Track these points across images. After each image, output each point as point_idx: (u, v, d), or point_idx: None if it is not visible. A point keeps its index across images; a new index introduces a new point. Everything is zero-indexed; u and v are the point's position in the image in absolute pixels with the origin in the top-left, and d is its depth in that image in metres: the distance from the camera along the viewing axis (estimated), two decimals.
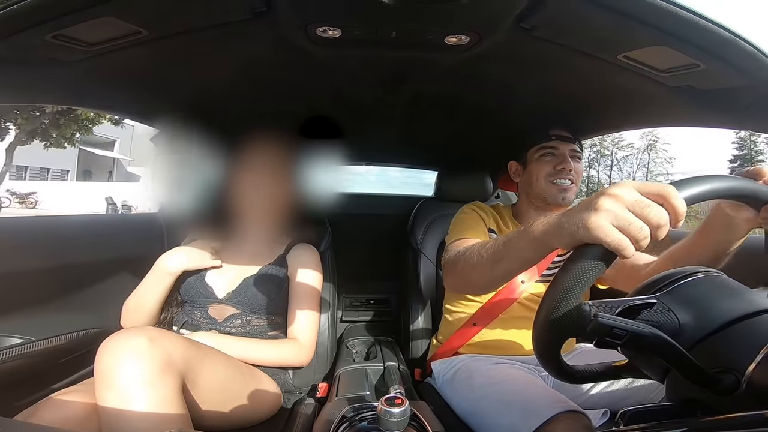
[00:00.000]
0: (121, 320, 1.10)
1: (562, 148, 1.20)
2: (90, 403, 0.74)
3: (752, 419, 0.36)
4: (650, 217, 0.48)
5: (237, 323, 1.11)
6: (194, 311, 1.11)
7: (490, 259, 0.75)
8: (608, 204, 0.50)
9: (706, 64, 0.75)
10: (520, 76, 1.04)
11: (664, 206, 0.49)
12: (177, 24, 0.77)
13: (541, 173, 1.21)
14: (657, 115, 1.13)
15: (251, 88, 1.17)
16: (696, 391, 0.48)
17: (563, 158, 1.19)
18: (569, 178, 1.19)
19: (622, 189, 0.50)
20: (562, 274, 0.52)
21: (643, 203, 0.49)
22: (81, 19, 0.68)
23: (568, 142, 1.21)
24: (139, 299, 1.10)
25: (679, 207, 0.48)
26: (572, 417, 0.77)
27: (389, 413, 0.66)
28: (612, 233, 0.48)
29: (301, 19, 0.77)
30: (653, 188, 0.50)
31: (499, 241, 0.74)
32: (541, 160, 1.22)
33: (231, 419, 0.92)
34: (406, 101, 1.29)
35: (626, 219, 0.48)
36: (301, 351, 1.13)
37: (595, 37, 0.78)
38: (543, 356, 0.58)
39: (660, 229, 0.48)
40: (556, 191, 1.19)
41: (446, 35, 0.82)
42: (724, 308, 0.50)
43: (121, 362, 0.69)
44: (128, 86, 1.07)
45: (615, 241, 0.48)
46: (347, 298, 2.10)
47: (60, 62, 0.84)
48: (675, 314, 0.51)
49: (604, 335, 0.47)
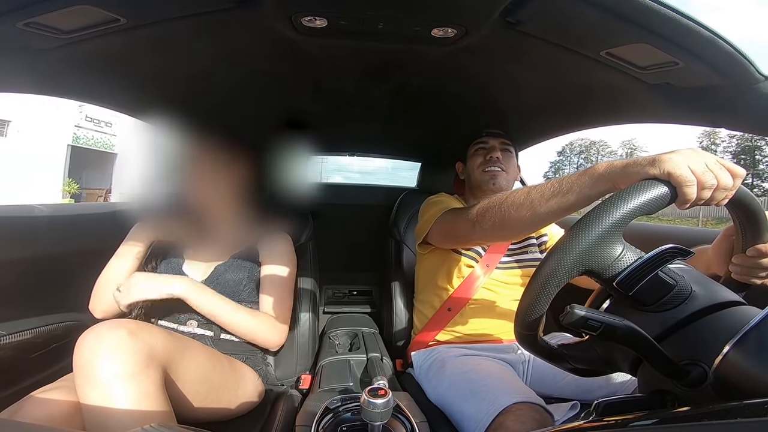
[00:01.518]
0: (90, 303, 1.07)
1: (492, 142, 1.35)
2: (74, 400, 0.73)
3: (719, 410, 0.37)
4: (722, 178, 0.55)
5: None
6: (171, 301, 1.09)
7: (542, 196, 0.76)
8: (689, 152, 0.56)
9: (685, 62, 0.77)
10: (505, 70, 1.05)
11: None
12: (157, 12, 0.75)
13: (475, 164, 1.36)
14: (635, 112, 1.15)
15: (233, 78, 1.15)
16: (666, 382, 0.50)
17: (492, 149, 1.34)
18: (498, 165, 1.31)
19: (705, 152, 0.57)
20: (616, 197, 0.53)
21: (720, 166, 0.56)
22: (54, 7, 0.66)
23: (498, 137, 1.36)
24: (108, 275, 1.07)
25: (737, 187, 0.56)
26: (527, 407, 0.80)
27: (373, 404, 0.67)
28: (684, 169, 0.54)
29: (287, 7, 0.76)
30: (730, 164, 0.57)
31: (552, 182, 0.75)
32: (476, 154, 1.37)
33: (213, 412, 0.92)
34: (390, 93, 1.29)
35: (703, 167, 0.55)
36: (274, 328, 1.11)
37: (580, 33, 0.79)
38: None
39: (726, 191, 0.56)
40: (487, 177, 1.32)
41: (432, 28, 0.82)
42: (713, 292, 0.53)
43: (101, 356, 0.68)
44: (106, 75, 1.04)
45: (684, 174, 0.53)
46: (329, 290, 2.10)
47: (34, 50, 0.81)
48: (688, 282, 0.53)
49: (580, 326, 0.49)
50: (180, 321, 1.07)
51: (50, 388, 0.77)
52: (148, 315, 1.09)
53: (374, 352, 1.38)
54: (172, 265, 1.13)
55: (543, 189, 0.76)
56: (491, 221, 0.88)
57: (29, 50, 0.80)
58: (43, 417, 0.72)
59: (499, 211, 0.85)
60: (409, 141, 1.92)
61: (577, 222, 0.53)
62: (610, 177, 0.64)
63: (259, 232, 1.25)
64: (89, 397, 0.67)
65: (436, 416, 0.97)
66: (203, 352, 0.92)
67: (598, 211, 0.52)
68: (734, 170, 0.57)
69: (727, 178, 0.56)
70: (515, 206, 0.81)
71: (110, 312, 1.05)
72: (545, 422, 0.79)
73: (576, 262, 0.52)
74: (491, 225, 0.89)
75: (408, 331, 1.46)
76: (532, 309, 0.56)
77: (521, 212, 0.80)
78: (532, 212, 0.77)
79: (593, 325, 0.48)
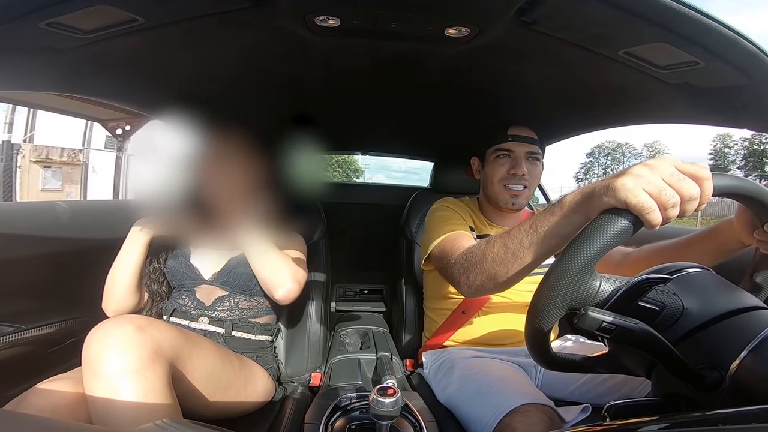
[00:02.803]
0: (102, 302, 1.08)
1: (518, 150, 1.17)
2: (79, 391, 0.74)
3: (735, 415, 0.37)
4: (683, 189, 0.49)
5: (225, 306, 1.10)
6: (182, 296, 1.11)
7: (521, 245, 0.70)
8: (642, 170, 0.51)
9: (706, 62, 0.76)
10: (519, 69, 1.04)
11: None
12: (174, 12, 0.76)
13: (495, 176, 1.19)
14: (654, 112, 1.13)
15: (249, 77, 1.16)
16: (681, 386, 0.49)
17: (517, 161, 1.16)
18: (522, 182, 1.16)
19: (660, 161, 0.51)
20: (578, 239, 0.51)
21: (679, 176, 0.50)
22: (75, 7, 0.67)
23: (526, 143, 1.17)
24: (114, 275, 1.08)
25: (707, 190, 0.49)
26: (535, 408, 0.79)
27: (381, 403, 0.67)
28: (640, 195, 0.49)
29: (301, 7, 0.76)
30: (690, 167, 0.50)
31: (524, 227, 0.70)
32: (497, 162, 1.19)
33: (221, 408, 0.93)
34: (403, 92, 1.28)
35: (659, 185, 0.49)
36: (294, 278, 1.07)
37: (597, 33, 0.78)
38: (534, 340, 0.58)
39: (691, 202, 0.49)
40: (507, 196, 1.18)
41: (446, 27, 0.81)
42: (711, 304, 0.51)
43: (109, 351, 0.69)
44: (125, 74, 1.06)
45: (641, 203, 0.48)
46: (341, 288, 2.11)
47: (55, 50, 0.82)
48: (680, 298, 0.52)
49: (594, 329, 0.48)
50: (191, 318, 1.08)
51: (57, 379, 0.79)
52: (159, 312, 1.11)
53: (384, 351, 1.38)
54: (179, 259, 1.13)
55: (519, 237, 0.70)
56: (479, 281, 0.81)
57: (52, 50, 0.82)
58: (48, 407, 0.73)
59: (483, 271, 0.79)
60: (422, 140, 1.92)
61: (548, 270, 0.53)
62: (580, 209, 0.59)
63: (274, 231, 1.26)
64: (95, 391, 0.68)
65: (444, 417, 0.97)
66: (212, 349, 0.93)
67: (566, 257, 0.51)
68: (697, 174, 0.50)
69: (690, 188, 0.49)
70: (498, 262, 0.74)
71: (121, 310, 1.07)
72: (554, 424, 0.77)
73: (557, 306, 0.52)
74: (480, 285, 0.81)
75: (419, 331, 1.46)
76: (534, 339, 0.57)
77: (509, 266, 0.73)
78: (520, 263, 0.71)
79: (608, 328, 0.48)
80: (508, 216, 1.26)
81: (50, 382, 0.78)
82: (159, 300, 1.14)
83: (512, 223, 1.25)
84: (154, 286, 1.13)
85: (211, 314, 1.08)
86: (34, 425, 0.38)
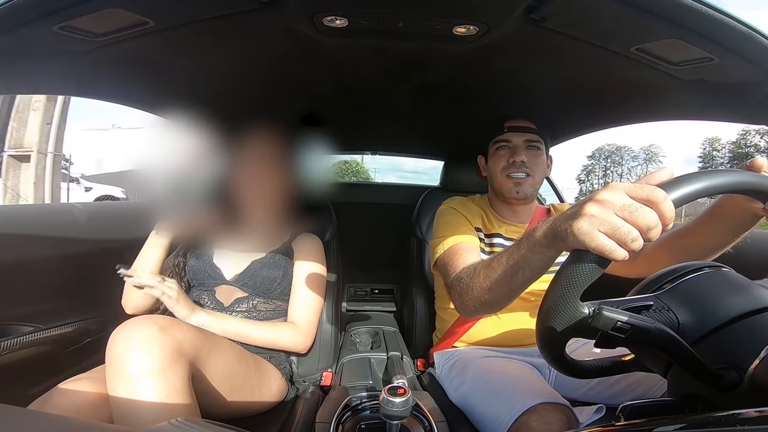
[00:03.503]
0: (122, 300, 1.10)
1: (515, 140, 1.18)
2: (101, 391, 0.75)
3: (753, 416, 0.36)
4: (639, 221, 0.47)
5: (243, 307, 1.12)
6: (201, 295, 1.12)
7: (504, 275, 0.72)
8: (594, 209, 0.49)
9: (720, 58, 0.74)
10: (528, 67, 1.03)
11: (653, 209, 0.47)
12: (183, 14, 0.77)
13: (497, 167, 1.20)
14: (669, 108, 1.11)
15: (258, 78, 1.17)
16: (697, 387, 0.48)
17: (516, 150, 1.17)
18: (523, 170, 1.16)
19: (611, 193, 0.49)
20: (556, 279, 0.51)
21: (632, 207, 0.47)
22: (87, 10, 0.68)
23: (523, 132, 1.18)
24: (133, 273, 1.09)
25: (667, 211, 0.47)
26: (552, 408, 0.78)
27: (392, 403, 0.67)
28: (597, 239, 0.48)
29: (308, 8, 0.77)
30: (642, 192, 0.48)
31: (501, 261, 0.73)
32: (497, 154, 1.21)
33: (235, 408, 0.94)
34: (412, 91, 1.28)
35: (613, 224, 0.47)
36: (297, 335, 1.12)
37: (608, 29, 0.77)
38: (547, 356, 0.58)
39: (650, 231, 0.47)
40: (511, 185, 1.17)
41: (454, 25, 0.81)
42: (729, 305, 0.50)
43: (132, 351, 0.70)
44: (137, 76, 1.07)
45: (600, 246, 0.47)
46: (352, 288, 2.12)
47: (69, 53, 0.84)
48: (674, 314, 0.51)
49: (609, 329, 0.47)
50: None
51: (79, 379, 0.80)
52: None
53: (395, 350, 1.38)
54: (202, 259, 1.15)
55: (499, 269, 0.72)
56: (472, 307, 0.83)
57: (65, 53, 0.84)
58: (70, 408, 0.75)
59: (474, 298, 0.81)
60: (431, 139, 1.91)
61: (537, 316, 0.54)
62: (551, 246, 0.59)
63: (293, 230, 1.27)
64: (118, 390, 0.69)
65: (456, 417, 0.97)
66: (230, 349, 0.94)
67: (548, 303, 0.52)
68: (650, 198, 0.47)
69: (645, 218, 0.47)
70: (486, 290, 0.77)
71: (140, 308, 1.09)
72: (570, 424, 0.77)
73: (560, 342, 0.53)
74: (474, 309, 0.84)
75: (429, 330, 1.46)
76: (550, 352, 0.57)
77: (498, 292, 0.75)
78: (507, 288, 0.72)
79: (623, 327, 0.47)
80: (520, 210, 1.24)
81: (73, 382, 0.79)
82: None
83: (524, 218, 1.24)
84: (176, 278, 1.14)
85: (229, 313, 1.10)
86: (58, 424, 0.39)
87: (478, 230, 1.19)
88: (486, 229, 1.22)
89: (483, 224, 1.22)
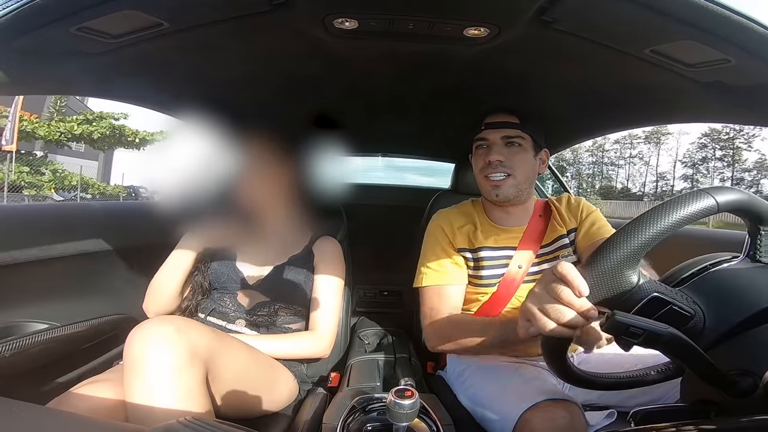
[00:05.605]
0: (143, 303, 1.12)
1: (492, 137, 1.09)
2: (118, 391, 0.76)
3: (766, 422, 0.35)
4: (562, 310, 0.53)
5: (264, 311, 1.13)
6: (223, 298, 1.13)
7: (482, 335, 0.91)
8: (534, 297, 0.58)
9: (737, 59, 0.72)
10: (540, 69, 1.02)
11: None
12: (196, 16, 0.78)
13: (477, 168, 1.13)
14: (685, 111, 1.09)
15: (270, 79, 1.18)
16: (711, 392, 0.48)
17: (491, 148, 1.08)
18: (501, 170, 1.06)
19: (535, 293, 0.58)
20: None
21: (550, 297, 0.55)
22: (103, 12, 0.70)
23: (500, 128, 1.08)
24: (160, 280, 1.11)
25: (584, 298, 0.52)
26: (558, 405, 0.78)
27: (399, 405, 0.67)
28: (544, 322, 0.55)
29: (319, 10, 0.77)
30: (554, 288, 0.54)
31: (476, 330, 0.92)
32: (476, 153, 1.13)
33: (247, 409, 0.94)
34: (423, 93, 1.28)
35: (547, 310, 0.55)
36: (319, 342, 1.14)
37: (622, 31, 0.76)
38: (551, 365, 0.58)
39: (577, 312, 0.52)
40: (489, 187, 1.09)
41: (465, 27, 0.80)
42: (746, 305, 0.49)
43: (150, 350, 0.71)
44: (152, 78, 1.09)
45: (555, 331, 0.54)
46: (360, 289, 2.12)
47: (86, 54, 0.85)
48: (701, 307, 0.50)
49: (621, 333, 0.47)
50: (229, 319, 1.10)
51: (97, 380, 0.81)
52: (196, 306, 1.14)
53: (403, 353, 1.38)
54: (225, 264, 1.16)
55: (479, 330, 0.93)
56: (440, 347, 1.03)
57: (82, 54, 0.85)
58: (86, 410, 0.75)
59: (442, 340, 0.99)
60: (442, 141, 1.90)
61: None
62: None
63: (312, 235, 1.28)
64: (135, 390, 0.70)
65: (463, 420, 0.96)
66: (244, 351, 0.94)
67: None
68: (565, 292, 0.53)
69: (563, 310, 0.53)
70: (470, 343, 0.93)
71: (162, 312, 1.11)
72: (576, 421, 0.76)
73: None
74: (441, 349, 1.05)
75: None
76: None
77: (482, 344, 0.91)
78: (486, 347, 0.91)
79: (635, 332, 0.46)
80: (512, 211, 1.16)
81: (90, 383, 0.80)
82: (200, 292, 1.16)
83: (520, 220, 1.16)
84: (199, 278, 1.16)
85: (250, 318, 1.11)
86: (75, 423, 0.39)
87: (462, 250, 1.12)
88: (471, 244, 1.13)
89: (468, 240, 1.13)
